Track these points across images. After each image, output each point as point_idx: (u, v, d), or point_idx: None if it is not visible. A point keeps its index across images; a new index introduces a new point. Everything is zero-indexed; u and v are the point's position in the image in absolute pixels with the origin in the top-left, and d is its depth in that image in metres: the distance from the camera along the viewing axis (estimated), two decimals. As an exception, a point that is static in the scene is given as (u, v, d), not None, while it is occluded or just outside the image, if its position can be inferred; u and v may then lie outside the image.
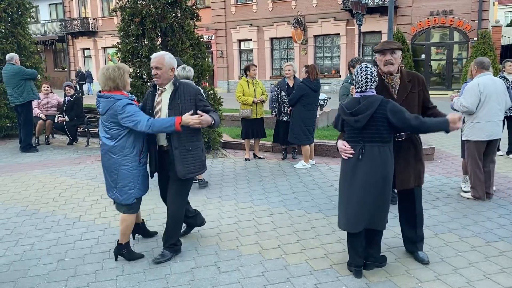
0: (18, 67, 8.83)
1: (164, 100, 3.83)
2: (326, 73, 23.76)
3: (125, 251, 3.94)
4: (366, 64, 3.43)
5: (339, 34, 23.30)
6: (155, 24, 7.56)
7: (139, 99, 8.04)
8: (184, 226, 4.39)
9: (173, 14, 7.81)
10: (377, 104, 3.29)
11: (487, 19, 20.46)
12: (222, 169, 7.25)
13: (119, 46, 7.96)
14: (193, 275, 3.67)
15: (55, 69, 32.97)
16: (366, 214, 3.43)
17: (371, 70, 3.37)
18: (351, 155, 3.44)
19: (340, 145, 3.52)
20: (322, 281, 3.52)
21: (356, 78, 3.42)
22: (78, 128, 9.93)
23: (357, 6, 18.32)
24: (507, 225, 4.58)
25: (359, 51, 21.15)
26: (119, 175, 3.74)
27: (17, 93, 8.72)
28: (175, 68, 3.91)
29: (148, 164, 3.95)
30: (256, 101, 7.59)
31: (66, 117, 9.64)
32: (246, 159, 7.87)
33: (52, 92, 10.37)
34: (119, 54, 7.95)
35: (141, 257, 3.99)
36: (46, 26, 32.59)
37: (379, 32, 21.99)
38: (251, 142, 8.03)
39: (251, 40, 25.77)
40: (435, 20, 20.75)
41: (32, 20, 14.07)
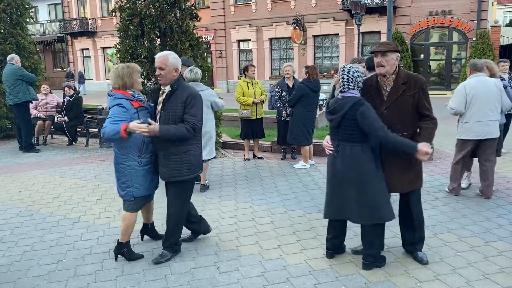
0: (17, 67, 8.84)
1: (162, 101, 3.83)
2: (325, 73, 23.76)
3: (125, 250, 3.95)
4: (346, 66, 3.57)
5: (338, 34, 23.31)
6: (154, 25, 7.57)
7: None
8: (188, 233, 4.36)
9: (172, 15, 7.81)
10: (349, 106, 3.44)
11: (486, 19, 20.47)
12: (222, 170, 7.26)
13: (118, 47, 7.96)
14: (193, 276, 3.67)
15: (54, 70, 32.94)
16: (344, 207, 3.65)
17: (349, 72, 3.49)
18: (331, 151, 3.69)
19: (324, 141, 3.82)
20: (322, 281, 3.52)
21: (339, 79, 3.58)
22: (78, 129, 9.93)
23: (356, 6, 18.32)
24: (506, 225, 4.60)
25: (358, 51, 21.15)
26: (119, 172, 3.80)
27: (13, 93, 8.72)
28: (179, 69, 3.84)
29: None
30: (256, 102, 7.60)
31: (66, 118, 9.64)
32: (246, 159, 7.87)
33: (51, 93, 10.37)
34: (118, 55, 7.96)
35: (141, 258, 3.99)
36: (45, 27, 32.57)
37: (378, 32, 22.01)
38: (251, 143, 8.04)
39: (250, 40, 25.77)
40: (434, 20, 20.77)
41: (31, 21, 14.05)
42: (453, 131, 7.63)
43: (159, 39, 7.98)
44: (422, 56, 21.64)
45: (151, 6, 7.59)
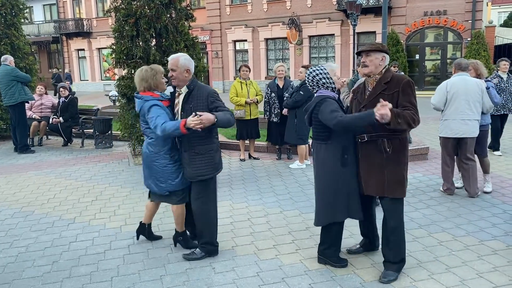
0: (11, 68, 8.82)
1: (180, 103, 3.88)
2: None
3: (181, 239, 4.18)
4: (312, 67, 3.69)
5: (334, 35, 23.34)
6: (150, 25, 7.55)
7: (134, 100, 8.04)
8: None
9: (168, 15, 7.81)
10: (314, 105, 3.54)
11: (481, 20, 20.56)
12: (217, 170, 7.25)
13: (114, 47, 7.95)
14: (188, 276, 3.67)
15: (50, 70, 32.78)
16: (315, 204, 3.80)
17: (309, 76, 3.63)
18: None
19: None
20: (317, 281, 3.53)
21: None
22: (73, 129, 9.90)
23: (352, 7, 18.35)
24: (500, 224, 4.62)
25: (354, 52, 21.19)
26: (151, 170, 3.98)
27: (9, 94, 8.70)
28: (191, 70, 3.85)
29: None
30: (249, 102, 7.60)
31: (61, 118, 9.60)
32: (241, 160, 7.88)
33: (47, 93, 10.34)
34: (114, 55, 7.94)
35: (195, 247, 4.06)
36: (40, 27, 32.42)
37: (374, 33, 22.05)
38: (246, 143, 8.04)
39: (246, 41, 25.76)
40: (429, 21, 20.83)
41: (26, 21, 14.00)
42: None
43: (155, 40, 7.97)
44: (418, 56, 21.70)
45: (146, 7, 7.58)
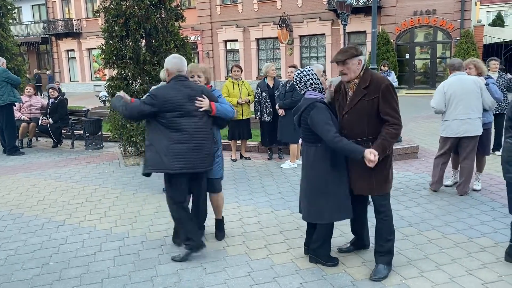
0: (2, 69, 8.72)
1: None
2: (312, 73, 23.82)
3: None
4: (297, 70, 3.69)
5: (325, 34, 23.42)
6: (139, 25, 7.52)
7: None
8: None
9: (158, 15, 7.78)
10: (303, 108, 3.54)
11: (470, 19, 20.76)
12: (209, 170, 7.24)
13: (103, 48, 7.90)
14: (179, 277, 3.66)
15: (39, 71, 32.50)
16: (300, 202, 3.86)
17: (297, 77, 3.62)
18: None
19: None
20: (308, 280, 3.54)
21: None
22: (63, 131, 9.82)
23: (342, 6, 18.40)
24: (489, 222, 4.67)
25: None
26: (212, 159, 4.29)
27: None
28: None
29: None
30: (241, 102, 7.59)
31: (50, 120, 9.53)
32: (233, 160, 7.87)
33: (36, 95, 10.24)
34: (103, 56, 7.89)
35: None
36: (29, 28, 32.11)
37: (364, 32, 22.16)
38: (238, 143, 8.04)
39: (237, 41, 25.76)
40: (419, 20, 20.99)
41: (14, 22, 13.85)
42: (437, 129, 7.74)
43: (144, 40, 7.94)
44: (408, 56, 21.85)
45: (136, 7, 7.54)
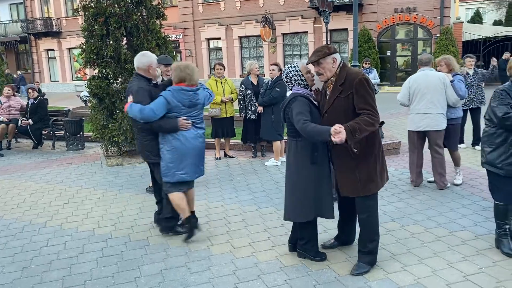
0: None
1: None
2: (295, 71, 23.87)
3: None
4: (285, 67, 3.71)
5: (307, 32, 23.49)
6: (120, 24, 7.44)
7: (105, 100, 7.89)
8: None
9: (138, 14, 7.70)
10: (287, 102, 3.59)
11: (449, 16, 21.06)
12: (193, 169, 7.20)
13: (84, 47, 7.79)
14: (163, 277, 3.64)
15: (18, 71, 31.89)
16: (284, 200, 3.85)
17: (284, 73, 3.66)
18: None
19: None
20: (292, 277, 3.55)
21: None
22: (43, 132, 9.64)
23: (324, 4, 18.48)
24: (469, 215, 4.75)
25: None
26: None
27: None
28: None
29: None
30: (225, 100, 7.56)
31: (30, 121, 9.35)
32: (217, 159, 7.85)
33: (15, 95, 10.04)
34: (84, 55, 7.78)
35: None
36: (7, 27, 31.46)
37: (346, 30, 22.30)
38: (222, 141, 8.01)
39: (220, 39, 25.66)
40: (400, 17, 21.22)
41: (-8, 21, 13.56)
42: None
43: (125, 39, 7.85)
44: (389, 53, 22.08)
45: (116, 5, 7.46)
